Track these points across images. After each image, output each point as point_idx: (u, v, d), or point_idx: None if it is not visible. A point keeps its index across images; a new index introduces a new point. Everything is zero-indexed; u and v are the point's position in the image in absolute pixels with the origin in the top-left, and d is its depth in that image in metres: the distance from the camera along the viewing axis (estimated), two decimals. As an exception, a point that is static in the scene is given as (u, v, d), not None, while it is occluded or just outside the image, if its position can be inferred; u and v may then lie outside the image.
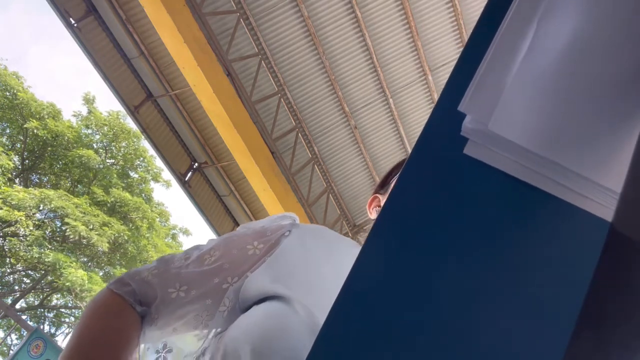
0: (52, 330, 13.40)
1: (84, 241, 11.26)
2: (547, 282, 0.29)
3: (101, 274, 12.55)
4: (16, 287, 12.82)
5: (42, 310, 13.37)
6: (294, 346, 0.47)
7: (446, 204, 0.30)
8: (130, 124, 12.66)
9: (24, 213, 10.31)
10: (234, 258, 0.64)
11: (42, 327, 12.44)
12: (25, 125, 11.69)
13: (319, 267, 0.61)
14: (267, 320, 0.51)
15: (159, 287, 0.63)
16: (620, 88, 0.28)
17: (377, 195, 0.92)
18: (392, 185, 0.88)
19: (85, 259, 12.50)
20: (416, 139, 0.32)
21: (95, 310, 0.62)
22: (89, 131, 13.05)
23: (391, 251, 0.30)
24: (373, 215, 0.87)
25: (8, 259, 11.65)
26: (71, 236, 10.72)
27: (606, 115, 0.28)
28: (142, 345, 0.63)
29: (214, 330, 0.59)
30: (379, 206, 0.89)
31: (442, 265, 0.29)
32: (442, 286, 0.29)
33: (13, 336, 12.64)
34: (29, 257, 10.58)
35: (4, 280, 12.51)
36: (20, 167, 12.47)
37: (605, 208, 0.29)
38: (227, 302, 0.60)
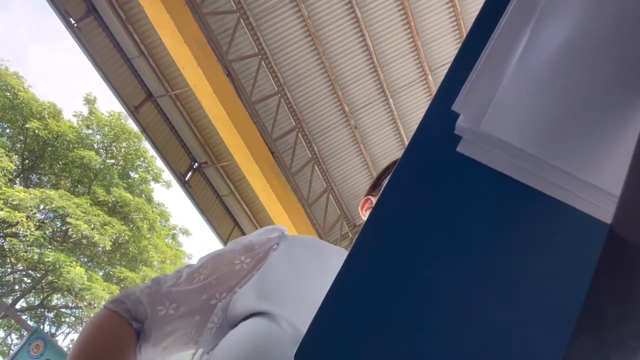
0: (52, 330, 13.41)
1: (85, 241, 11.28)
2: (543, 283, 0.29)
3: (101, 273, 12.56)
4: (16, 287, 12.83)
5: (42, 310, 13.39)
6: None
7: (439, 201, 0.30)
8: (131, 124, 12.69)
9: (25, 214, 10.32)
10: (221, 274, 0.66)
11: (42, 327, 12.45)
12: (26, 126, 11.70)
13: (307, 279, 0.61)
14: (253, 337, 0.51)
15: (149, 305, 0.65)
16: (615, 89, 0.28)
17: (369, 197, 0.92)
18: (383, 186, 0.88)
19: (86, 259, 12.52)
20: (415, 138, 0.32)
21: (93, 326, 0.64)
22: (90, 131, 13.07)
23: (381, 250, 0.30)
24: (366, 216, 0.87)
25: (8, 259, 11.66)
26: (73, 235, 10.74)
27: (600, 116, 0.28)
28: None
29: (202, 349, 0.60)
30: (371, 208, 0.89)
31: (434, 265, 0.29)
32: (435, 288, 0.29)
33: (13, 336, 12.66)
34: (29, 257, 10.59)
35: (4, 280, 12.53)
36: (20, 167, 12.49)
37: (600, 208, 0.29)
38: (216, 319, 0.61)
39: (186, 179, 6.24)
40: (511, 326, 0.28)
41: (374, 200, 0.91)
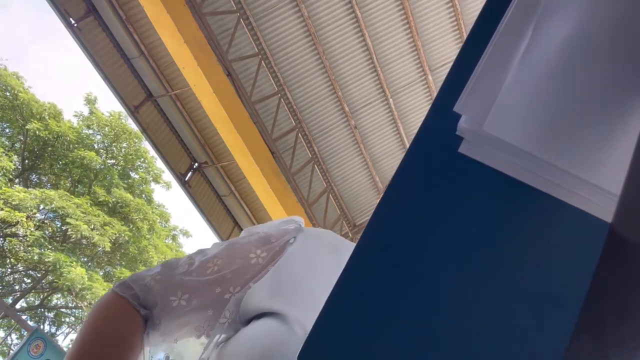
0: (52, 330, 13.40)
1: (85, 241, 11.27)
2: (544, 283, 0.29)
3: (101, 273, 12.56)
4: (16, 287, 12.83)
5: (42, 310, 13.38)
6: None
7: (441, 201, 0.30)
8: (132, 124, 12.69)
9: (25, 214, 10.32)
10: (236, 267, 0.64)
11: (42, 327, 12.44)
12: (27, 126, 11.70)
13: (322, 277, 0.60)
14: (263, 340, 0.51)
15: (160, 294, 0.63)
16: (617, 89, 0.28)
17: None
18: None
19: (86, 259, 12.51)
20: (415, 138, 0.32)
21: (100, 311, 0.62)
22: (90, 132, 13.06)
23: (384, 250, 0.30)
24: None
25: (8, 259, 11.66)
26: (73, 236, 10.73)
27: (601, 116, 0.28)
28: (146, 349, 0.63)
29: (214, 341, 0.59)
30: None
31: (436, 265, 0.29)
32: (437, 288, 0.29)
33: (13, 336, 12.66)
34: (29, 257, 10.59)
35: (4, 280, 12.52)
36: (20, 167, 12.48)
37: (601, 208, 0.29)
38: (228, 314, 0.60)
39: (186, 179, 6.23)
40: (511, 326, 0.28)
41: None
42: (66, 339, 13.92)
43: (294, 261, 0.62)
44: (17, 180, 12.39)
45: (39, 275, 12.44)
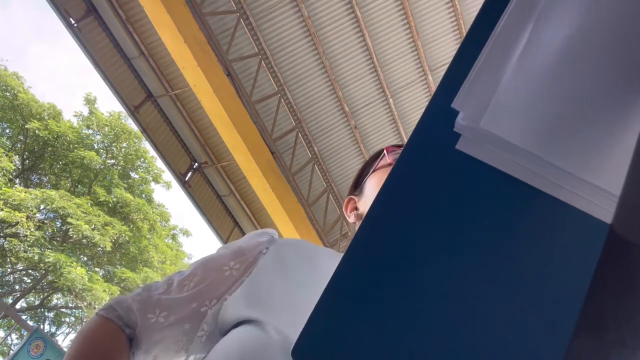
0: (52, 330, 13.42)
1: (85, 241, 11.29)
2: (543, 283, 0.29)
3: (101, 273, 12.57)
4: (16, 287, 12.84)
5: (42, 310, 13.39)
6: None
7: (437, 199, 0.30)
8: (131, 124, 12.71)
9: (25, 214, 10.33)
10: (211, 281, 0.65)
11: (42, 327, 12.45)
12: (27, 126, 11.72)
13: (297, 283, 0.61)
14: (241, 347, 0.52)
15: (139, 313, 0.64)
16: (614, 88, 0.28)
17: (352, 197, 0.89)
18: (365, 184, 0.87)
19: (86, 259, 12.53)
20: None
21: (86, 333, 0.64)
22: (90, 132, 13.07)
23: (379, 245, 0.29)
24: (351, 218, 0.86)
25: (9, 259, 11.67)
26: (74, 236, 10.75)
27: (599, 116, 0.28)
28: None
29: (192, 357, 0.60)
30: (356, 208, 0.87)
31: (432, 263, 0.29)
32: (433, 285, 0.29)
33: (13, 336, 12.66)
34: (29, 257, 10.60)
35: (4, 280, 12.53)
36: (20, 167, 12.49)
37: (600, 208, 0.28)
38: (206, 327, 0.60)
39: (186, 179, 6.24)
40: (510, 326, 0.28)
41: (356, 199, 0.88)
42: (66, 339, 13.94)
43: (267, 270, 0.63)
44: (17, 180, 12.40)
45: (39, 275, 12.45)
